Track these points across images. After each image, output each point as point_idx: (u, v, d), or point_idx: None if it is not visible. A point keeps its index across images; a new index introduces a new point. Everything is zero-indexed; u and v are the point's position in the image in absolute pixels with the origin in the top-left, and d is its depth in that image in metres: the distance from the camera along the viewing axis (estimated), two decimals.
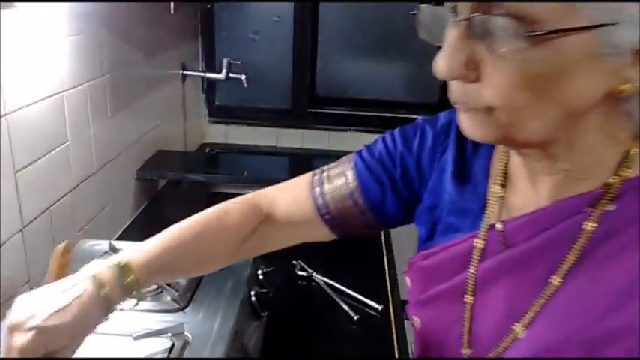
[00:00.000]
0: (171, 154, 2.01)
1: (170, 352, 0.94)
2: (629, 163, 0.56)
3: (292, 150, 2.44)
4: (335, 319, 1.32)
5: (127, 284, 0.69)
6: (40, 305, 0.64)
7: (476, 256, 0.65)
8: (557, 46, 0.48)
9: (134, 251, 0.73)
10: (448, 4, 0.53)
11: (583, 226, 0.56)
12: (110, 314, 0.69)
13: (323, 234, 0.84)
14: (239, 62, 2.20)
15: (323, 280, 1.45)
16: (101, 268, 0.69)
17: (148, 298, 1.09)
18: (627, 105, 0.54)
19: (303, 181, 0.84)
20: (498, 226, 0.64)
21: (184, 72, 2.18)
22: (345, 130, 2.43)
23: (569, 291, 0.57)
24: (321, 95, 2.45)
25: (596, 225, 0.56)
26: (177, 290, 1.12)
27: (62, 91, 1.31)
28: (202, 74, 2.28)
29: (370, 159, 0.80)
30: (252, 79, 2.19)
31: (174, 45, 2.09)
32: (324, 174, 0.83)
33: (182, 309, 1.06)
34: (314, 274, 1.48)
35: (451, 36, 0.52)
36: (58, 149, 1.31)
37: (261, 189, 0.88)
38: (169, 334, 0.97)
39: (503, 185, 0.67)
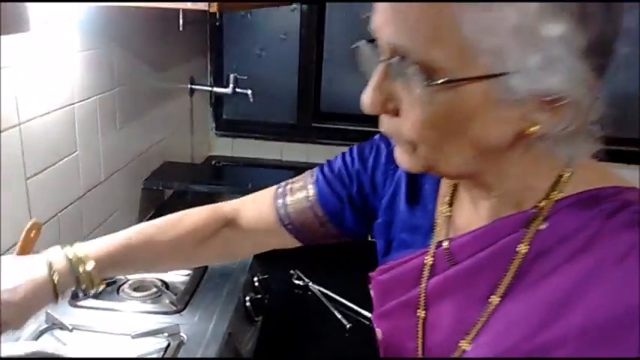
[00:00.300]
0: (177, 165, 2.08)
1: (165, 351, 0.99)
2: (561, 187, 0.60)
3: (297, 164, 2.50)
4: (328, 326, 1.37)
5: (78, 276, 0.75)
6: None
7: (426, 272, 0.69)
8: (459, 92, 0.52)
9: (92, 246, 0.79)
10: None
11: (517, 249, 0.60)
12: (58, 299, 0.74)
13: (289, 242, 0.89)
14: (246, 77, 2.27)
15: (319, 290, 1.50)
16: (59, 256, 0.75)
17: (149, 301, 1.15)
18: (543, 144, 0.57)
19: (267, 192, 0.90)
20: (445, 244, 0.68)
21: (192, 86, 2.25)
22: (349, 145, 2.48)
23: (507, 309, 0.61)
24: (325, 111, 2.51)
25: (528, 247, 0.59)
26: (175, 294, 1.17)
27: (73, 103, 1.38)
28: (210, 89, 2.35)
29: (330, 174, 0.85)
30: (259, 94, 2.26)
31: (183, 60, 2.17)
32: (288, 187, 0.89)
33: (179, 311, 1.12)
34: (310, 284, 1.53)
35: (375, 74, 0.57)
36: (67, 158, 1.37)
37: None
38: (166, 334, 1.03)
39: (451, 204, 0.71)
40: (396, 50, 0.54)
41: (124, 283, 1.20)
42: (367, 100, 0.57)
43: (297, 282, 1.55)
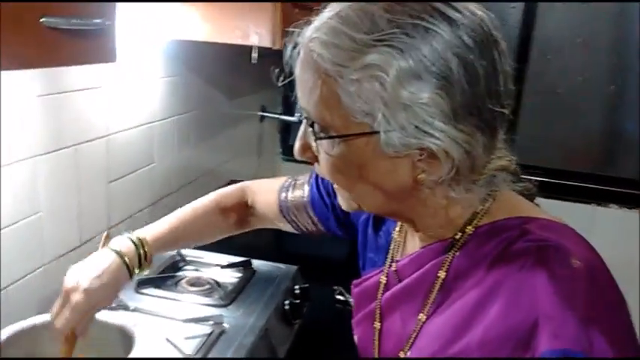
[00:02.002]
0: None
1: (209, 336, 1.14)
2: (478, 219, 0.69)
3: None
4: None
5: (142, 254, 0.92)
6: (84, 273, 0.87)
7: (381, 288, 0.79)
8: (349, 145, 0.63)
9: (146, 230, 0.97)
10: None
11: (438, 274, 0.70)
12: (132, 277, 0.91)
13: (289, 228, 1.04)
14: None
15: None
16: (123, 242, 0.92)
17: (202, 296, 1.31)
18: (441, 188, 0.66)
19: (277, 183, 1.05)
20: (393, 264, 0.79)
21: (263, 113, 2.45)
22: None
23: (429, 326, 0.71)
24: None
25: (445, 273, 0.69)
26: (224, 291, 1.33)
27: (154, 122, 1.60)
28: (279, 117, 2.54)
29: (322, 182, 0.98)
30: None
31: (254, 89, 2.38)
32: (292, 182, 1.03)
33: (225, 305, 1.27)
34: (351, 301, 1.63)
35: (301, 128, 0.69)
36: (145, 168, 1.58)
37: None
38: (211, 323, 1.18)
39: (404, 231, 0.81)
40: (304, 110, 0.66)
41: (182, 279, 1.37)
42: (295, 147, 0.70)
43: (338, 297, 1.66)
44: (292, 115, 2.50)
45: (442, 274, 0.70)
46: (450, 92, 0.59)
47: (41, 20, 0.61)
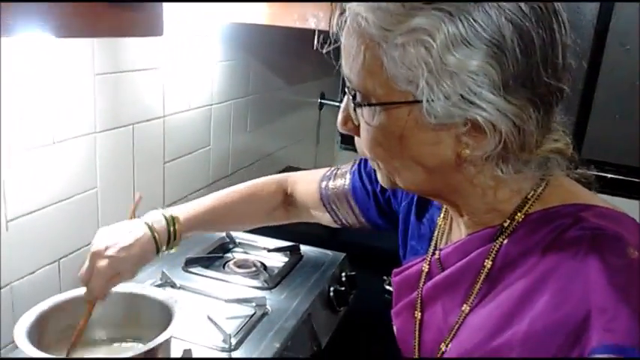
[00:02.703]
0: (299, 170, 2.26)
1: (251, 317, 1.15)
2: (527, 207, 0.65)
3: None
4: None
5: (172, 232, 0.93)
6: (113, 239, 0.88)
7: (423, 277, 0.77)
8: (389, 115, 0.60)
9: (182, 209, 0.97)
10: None
11: (484, 263, 0.66)
12: (158, 254, 0.92)
13: (328, 220, 1.02)
14: None
15: None
16: (157, 218, 0.93)
17: (248, 277, 1.32)
18: (488, 166, 0.62)
19: (319, 173, 1.03)
20: (436, 253, 0.75)
21: (322, 101, 2.44)
22: None
23: (473, 318, 0.68)
24: None
25: (491, 262, 0.66)
26: (270, 275, 1.33)
27: (211, 105, 1.62)
28: (338, 104, 2.52)
29: (364, 169, 0.95)
30: None
31: (315, 76, 2.37)
32: (334, 171, 1.01)
33: (270, 288, 1.27)
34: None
35: (344, 100, 0.67)
36: (201, 150, 1.61)
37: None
38: (254, 304, 1.19)
39: (450, 218, 0.78)
40: (347, 79, 0.64)
41: (230, 260, 1.39)
42: (338, 120, 0.68)
43: (388, 287, 1.63)
44: None
45: (488, 263, 0.66)
46: (502, 61, 0.55)
47: None
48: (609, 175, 2.28)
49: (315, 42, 1.78)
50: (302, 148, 2.39)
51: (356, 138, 0.68)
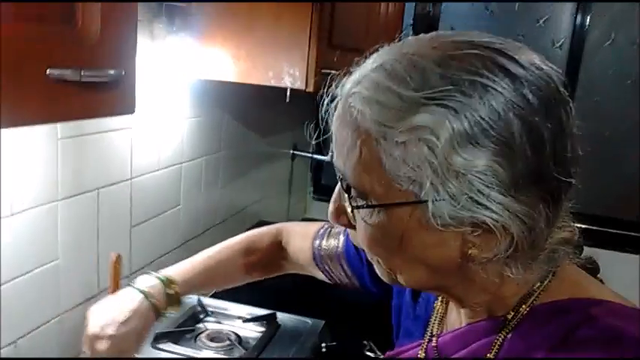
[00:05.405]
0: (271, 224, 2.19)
1: None
2: (532, 299, 0.60)
3: None
4: None
5: (170, 295, 0.88)
6: (109, 317, 0.82)
7: None
8: (389, 215, 0.55)
9: (175, 270, 0.92)
10: None
11: (486, 356, 0.61)
12: (159, 318, 0.87)
13: (322, 277, 0.97)
14: None
15: None
16: (150, 282, 0.87)
17: (221, 353, 1.23)
18: (495, 265, 0.56)
19: (312, 228, 0.98)
20: (433, 339, 0.70)
21: (295, 152, 2.39)
22: None
23: None
24: None
25: (494, 356, 0.60)
26: (246, 349, 1.24)
27: (181, 163, 1.54)
28: (311, 155, 2.48)
29: None
30: None
31: (287, 128, 2.32)
32: (328, 229, 0.96)
33: None
34: (382, 356, 1.53)
35: (336, 189, 0.62)
36: (171, 211, 1.52)
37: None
38: None
39: (446, 301, 0.72)
40: (340, 172, 0.58)
41: (201, 333, 1.30)
42: (328, 210, 0.63)
43: (368, 353, 1.55)
44: (324, 154, 2.44)
45: (491, 357, 0.61)
46: (511, 159, 0.51)
47: (47, 72, 0.55)
48: (582, 226, 2.28)
49: (288, 94, 1.76)
50: (275, 201, 2.32)
51: (350, 230, 0.63)
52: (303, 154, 2.43)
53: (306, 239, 0.98)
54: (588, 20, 2.23)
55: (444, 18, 2.36)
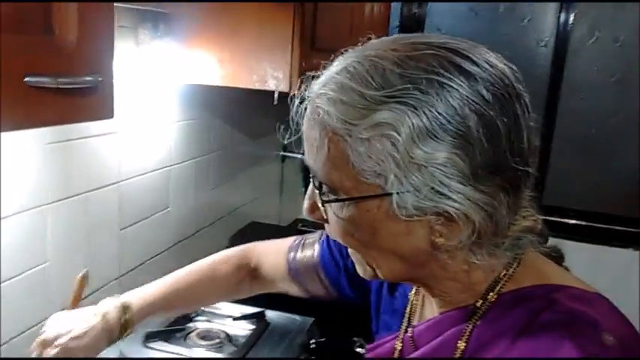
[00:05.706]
0: (263, 225, 2.21)
1: None
2: (499, 287, 0.63)
3: None
4: None
5: (124, 321, 0.90)
6: (67, 327, 0.86)
7: (396, 355, 0.73)
8: (358, 208, 0.59)
9: (136, 295, 0.94)
10: None
11: (457, 344, 0.64)
12: (113, 342, 0.90)
13: (295, 292, 0.98)
14: None
15: None
16: (109, 307, 0.90)
17: (212, 350, 1.25)
18: (461, 252, 0.60)
19: (285, 243, 0.99)
20: (409, 330, 0.72)
21: (284, 153, 2.42)
22: None
23: None
24: None
25: (465, 344, 0.63)
26: (236, 346, 1.27)
27: (170, 165, 1.57)
28: (301, 156, 2.50)
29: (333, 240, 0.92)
30: None
31: (276, 130, 2.34)
32: (302, 241, 0.97)
33: None
34: None
35: (309, 188, 0.65)
36: (159, 213, 1.55)
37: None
38: None
39: (422, 294, 0.75)
40: (311, 170, 0.62)
41: (192, 331, 1.32)
42: (303, 207, 0.66)
43: (359, 350, 1.58)
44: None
45: (462, 344, 0.64)
46: (469, 151, 0.55)
47: (25, 80, 0.57)
48: (571, 221, 2.31)
49: (275, 96, 1.78)
50: (265, 201, 2.34)
51: (325, 225, 0.65)
52: (293, 155, 2.46)
53: (279, 255, 0.99)
54: (572, 19, 2.26)
55: (429, 19, 2.39)
